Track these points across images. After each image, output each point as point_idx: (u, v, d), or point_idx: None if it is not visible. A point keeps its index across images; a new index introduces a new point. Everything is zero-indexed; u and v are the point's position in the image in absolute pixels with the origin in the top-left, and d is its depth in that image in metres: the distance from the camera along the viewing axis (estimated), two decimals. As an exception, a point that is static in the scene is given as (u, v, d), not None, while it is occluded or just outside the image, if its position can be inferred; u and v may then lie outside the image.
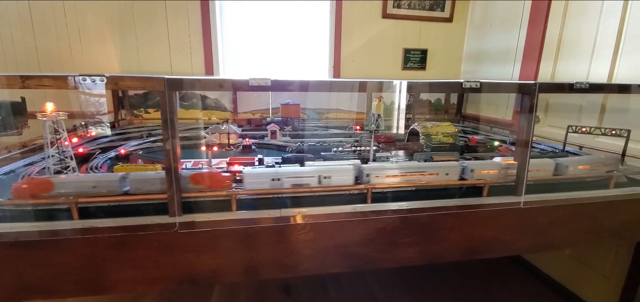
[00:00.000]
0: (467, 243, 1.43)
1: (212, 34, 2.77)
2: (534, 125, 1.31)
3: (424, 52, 3.18)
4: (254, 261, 1.23)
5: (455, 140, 2.13)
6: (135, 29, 2.70)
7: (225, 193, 1.17)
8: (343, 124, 3.03)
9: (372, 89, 2.85)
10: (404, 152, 1.88)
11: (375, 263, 1.37)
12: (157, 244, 1.14)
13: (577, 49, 2.19)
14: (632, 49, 1.89)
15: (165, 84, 0.99)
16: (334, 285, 2.49)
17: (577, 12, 2.20)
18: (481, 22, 3.05)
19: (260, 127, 2.62)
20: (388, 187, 1.37)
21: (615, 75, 1.98)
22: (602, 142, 1.98)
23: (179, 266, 1.18)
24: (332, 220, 1.26)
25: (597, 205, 1.49)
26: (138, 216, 1.12)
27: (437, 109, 3.37)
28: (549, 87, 1.71)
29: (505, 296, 2.41)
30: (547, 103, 2.45)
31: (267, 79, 1.05)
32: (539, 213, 1.44)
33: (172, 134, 1.02)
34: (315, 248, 1.28)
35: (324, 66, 3.14)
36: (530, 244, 1.53)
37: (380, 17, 3.03)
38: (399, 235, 1.35)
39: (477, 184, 1.43)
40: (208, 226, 1.14)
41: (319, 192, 1.32)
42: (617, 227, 1.58)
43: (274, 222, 1.19)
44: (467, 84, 1.21)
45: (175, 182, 1.06)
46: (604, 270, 2.10)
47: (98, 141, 1.97)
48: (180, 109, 2.83)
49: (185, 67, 2.79)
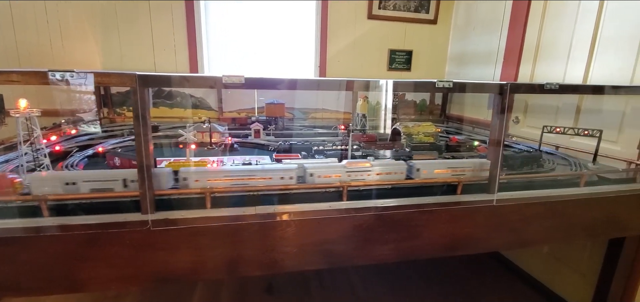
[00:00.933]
0: (442, 240, 1.45)
1: (197, 32, 2.76)
2: (505, 124, 1.34)
3: (409, 53, 3.22)
4: (228, 259, 1.23)
5: (436, 140, 2.16)
6: (118, 26, 2.67)
7: (199, 190, 1.17)
8: (329, 123, 3.04)
9: (358, 88, 2.89)
10: (383, 151, 1.90)
11: (352, 260, 1.39)
12: (129, 241, 1.13)
13: (554, 51, 2.24)
14: (606, 51, 1.94)
15: (137, 80, 0.99)
16: (316, 284, 2.50)
17: (554, 16, 2.25)
18: (464, 24, 3.10)
19: (246, 126, 2.61)
20: (364, 185, 1.38)
21: (590, 77, 2.03)
22: (576, 142, 2.04)
23: (153, 264, 1.18)
24: (308, 217, 1.27)
25: (568, 203, 1.53)
26: (110, 213, 1.11)
27: (422, 109, 3.41)
28: (520, 88, 1.75)
29: (484, 292, 2.46)
30: (526, 104, 2.50)
31: (241, 76, 1.05)
32: (512, 210, 1.48)
33: (144, 131, 1.02)
34: (290, 245, 1.29)
35: (310, 66, 3.15)
36: (504, 241, 1.57)
37: (365, 17, 3.05)
38: (374, 232, 1.36)
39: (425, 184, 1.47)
40: (182, 223, 1.14)
41: (293, 190, 1.33)
42: (587, 224, 1.62)
43: (249, 220, 1.20)
44: (440, 83, 1.24)
45: (147, 180, 1.05)
46: (579, 267, 2.16)
47: (76, 139, 1.94)
48: (164, 108, 2.81)
49: (170, 66, 2.77)
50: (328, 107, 3.21)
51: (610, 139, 1.91)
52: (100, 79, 1.07)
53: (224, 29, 2.97)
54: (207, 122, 1.92)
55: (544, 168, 1.75)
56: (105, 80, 1.03)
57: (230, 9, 2.92)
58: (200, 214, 1.16)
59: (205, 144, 2.01)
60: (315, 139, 2.38)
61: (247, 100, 3.02)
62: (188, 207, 1.21)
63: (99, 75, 1.04)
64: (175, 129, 2.24)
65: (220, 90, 2.87)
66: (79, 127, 2.20)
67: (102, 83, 1.05)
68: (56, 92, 2.47)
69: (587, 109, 2.08)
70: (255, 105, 2.98)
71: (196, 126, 2.03)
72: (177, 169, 1.25)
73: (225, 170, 1.28)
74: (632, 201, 1.66)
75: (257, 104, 2.97)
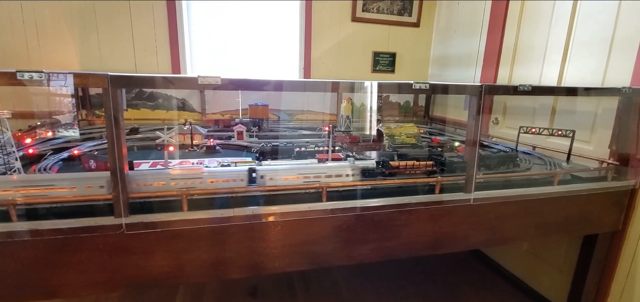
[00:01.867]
0: (422, 239, 1.47)
1: (179, 33, 2.72)
2: (481, 125, 1.37)
3: (392, 56, 3.26)
4: (207, 262, 1.22)
5: (418, 141, 2.19)
6: (97, 27, 2.62)
7: (175, 192, 1.16)
8: (314, 125, 3.05)
9: (343, 89, 2.90)
10: (363, 151, 1.92)
11: (332, 260, 1.40)
12: (102, 246, 1.11)
13: (531, 54, 2.31)
14: (579, 54, 2.01)
15: (109, 81, 0.97)
16: (301, 285, 2.50)
17: (530, 20, 2.32)
18: (446, 27, 3.15)
19: (229, 128, 2.59)
20: (343, 185, 1.39)
21: (565, 78, 2.10)
22: (552, 142, 2.10)
23: (127, 268, 1.16)
24: (288, 219, 1.27)
25: (543, 201, 1.58)
26: (82, 217, 1.09)
27: (406, 111, 3.45)
28: (494, 90, 1.79)
29: (466, 290, 2.50)
30: (505, 106, 2.56)
31: (217, 77, 1.05)
32: (489, 209, 1.51)
33: (116, 133, 1.00)
34: (270, 247, 1.28)
35: (295, 68, 3.15)
36: (482, 238, 1.60)
37: (349, 20, 3.07)
38: (355, 232, 1.37)
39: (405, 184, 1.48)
40: (158, 226, 1.12)
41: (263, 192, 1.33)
42: (561, 222, 1.68)
43: (227, 222, 1.19)
44: (416, 85, 1.26)
45: (120, 183, 1.03)
46: (557, 264, 2.21)
47: (52, 142, 1.89)
48: (145, 110, 2.76)
49: (151, 67, 2.72)
50: (313, 108, 3.22)
51: (583, 139, 1.97)
52: (72, 79, 1.05)
53: (208, 30, 2.94)
54: (188, 124, 1.90)
55: (520, 168, 1.79)
56: (76, 81, 1.01)
57: (213, 10, 2.90)
58: (177, 217, 1.14)
59: (186, 146, 1.99)
60: (299, 140, 2.38)
61: (231, 102, 3.00)
62: (167, 210, 1.19)
63: (70, 75, 1.02)
64: (156, 131, 2.20)
65: (204, 91, 2.84)
66: (56, 130, 2.14)
67: (74, 84, 1.02)
68: (34, 95, 2.41)
69: (561, 110, 2.14)
70: (240, 107, 2.96)
71: (178, 128, 2.01)
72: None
73: (167, 173, 1.24)
74: (604, 199, 1.72)
75: (242, 105, 2.95)
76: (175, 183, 1.19)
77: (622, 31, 1.78)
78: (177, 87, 1.16)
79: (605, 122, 1.86)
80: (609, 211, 1.77)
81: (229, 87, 1.14)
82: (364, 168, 1.49)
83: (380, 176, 1.51)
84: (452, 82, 1.83)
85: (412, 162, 1.52)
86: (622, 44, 1.78)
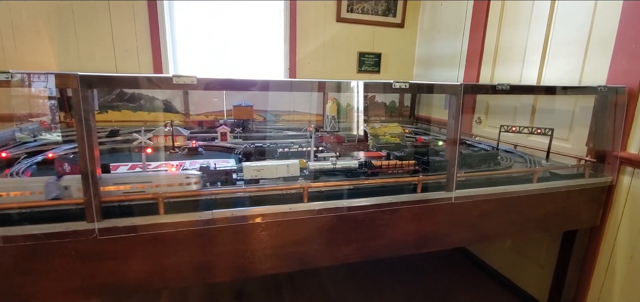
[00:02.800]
0: (405, 238, 1.48)
1: (161, 33, 2.67)
2: (461, 124, 1.39)
3: (378, 56, 3.27)
4: (184, 266, 1.19)
5: (402, 141, 2.20)
6: (75, 27, 2.55)
7: (150, 196, 1.13)
8: (301, 125, 3.03)
9: (329, 89, 2.90)
10: (348, 151, 1.92)
11: (315, 262, 1.39)
12: (74, 252, 1.07)
13: (511, 54, 2.35)
14: (557, 54, 2.05)
15: (79, 80, 0.94)
16: (288, 287, 2.48)
17: (510, 21, 2.36)
18: (430, 28, 3.19)
19: (214, 129, 2.56)
20: (325, 185, 1.38)
21: (543, 78, 2.14)
22: (533, 140, 2.14)
23: (101, 275, 1.12)
24: (268, 220, 1.26)
25: (522, 198, 1.60)
26: (53, 223, 1.05)
27: (392, 111, 3.47)
28: (472, 89, 1.81)
29: (451, 287, 2.52)
30: (487, 105, 2.60)
31: (192, 77, 1.02)
32: (470, 207, 1.52)
33: (87, 135, 0.97)
34: (250, 249, 1.26)
35: (280, 68, 3.14)
36: (465, 236, 1.61)
37: (334, 20, 3.07)
38: (337, 233, 1.37)
39: (386, 184, 1.48)
40: (132, 231, 1.09)
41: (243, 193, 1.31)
42: (541, 218, 1.70)
43: (204, 225, 1.17)
44: (396, 84, 1.26)
45: (92, 186, 1.00)
46: (538, 260, 2.25)
47: (26, 145, 1.82)
48: (127, 111, 2.70)
49: (132, 67, 2.67)
50: (299, 109, 3.21)
51: (562, 137, 2.02)
52: (41, 80, 1.01)
53: (192, 30, 2.90)
54: (169, 125, 1.86)
55: (501, 166, 1.82)
56: (44, 81, 0.97)
57: (197, 10, 2.86)
58: (152, 221, 1.11)
59: (167, 148, 1.95)
60: (284, 141, 2.37)
61: (216, 104, 2.96)
62: (147, 213, 1.15)
63: (37, 75, 0.98)
64: (133, 133, 2.15)
65: (187, 92, 2.79)
66: (36, 134, 2.07)
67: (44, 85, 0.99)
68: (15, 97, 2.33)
69: (541, 109, 2.18)
70: (224, 108, 2.92)
71: (159, 130, 1.97)
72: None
73: (118, 175, 1.17)
74: (582, 195, 1.76)
75: (226, 106, 2.92)
76: (125, 188, 1.13)
77: (597, 32, 1.83)
78: (151, 88, 1.13)
79: (583, 120, 1.91)
80: (587, 207, 1.81)
81: (206, 87, 1.12)
82: (347, 168, 1.49)
83: (363, 176, 1.51)
84: (431, 82, 1.84)
85: (395, 161, 1.52)
86: (598, 44, 1.83)
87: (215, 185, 1.31)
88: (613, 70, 1.74)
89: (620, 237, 1.78)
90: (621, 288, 1.78)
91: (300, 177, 1.43)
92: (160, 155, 1.86)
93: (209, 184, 1.29)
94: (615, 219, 1.79)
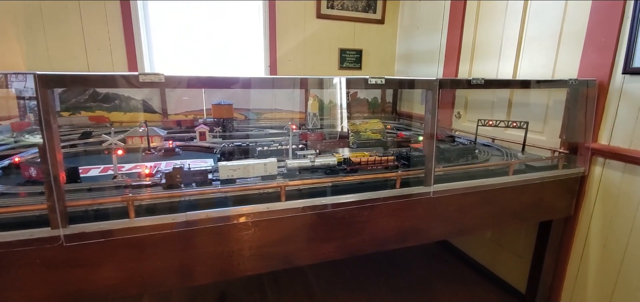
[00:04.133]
0: (385, 234, 1.48)
1: (135, 31, 2.59)
2: (437, 119, 1.39)
3: (359, 52, 3.27)
4: (158, 272, 1.16)
5: (383, 136, 2.21)
6: (44, 26, 2.44)
7: (120, 199, 1.09)
8: (283, 123, 3.00)
9: (311, 85, 2.88)
10: (329, 149, 1.90)
11: (294, 261, 1.37)
12: (40, 260, 1.02)
13: (488, 50, 2.39)
14: (531, 49, 2.10)
15: (37, 80, 0.89)
16: (272, 286, 2.46)
17: (486, 17, 2.40)
18: (409, 24, 3.21)
19: (193, 129, 2.50)
20: (303, 183, 1.37)
21: (519, 72, 2.18)
22: (510, 134, 2.18)
23: (69, 283, 1.07)
24: (244, 221, 1.23)
25: (499, 191, 1.63)
26: (15, 230, 0.99)
27: (375, 107, 3.48)
28: (449, 83, 1.83)
29: (434, 280, 2.56)
30: (466, 100, 2.64)
31: (160, 74, 0.99)
32: (448, 201, 1.54)
33: (48, 136, 0.92)
34: (227, 251, 1.24)
35: (260, 66, 3.09)
36: (444, 230, 1.63)
37: (314, 17, 3.05)
38: (316, 231, 1.36)
39: (365, 180, 1.48)
40: (101, 236, 1.05)
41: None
42: (517, 210, 1.74)
43: (178, 228, 1.13)
44: (372, 80, 1.25)
45: (56, 191, 0.95)
46: (516, 250, 2.31)
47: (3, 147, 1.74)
48: (100, 111, 2.60)
49: (105, 66, 2.58)
50: (281, 107, 3.17)
51: (537, 130, 2.07)
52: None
53: (169, 28, 2.83)
54: (144, 125, 1.80)
55: (478, 160, 1.84)
56: (2, 81, 0.92)
57: (172, 7, 2.78)
58: (123, 225, 1.07)
59: (143, 149, 1.89)
60: (265, 139, 2.33)
61: (196, 103, 2.90)
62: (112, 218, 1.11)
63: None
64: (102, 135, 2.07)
65: (164, 92, 2.72)
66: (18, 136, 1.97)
67: (0, 85, 0.94)
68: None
69: (517, 103, 2.23)
70: (204, 106, 2.86)
71: (133, 130, 1.91)
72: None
73: None
74: (556, 186, 1.80)
75: (206, 105, 2.86)
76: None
77: (569, 26, 1.88)
78: (116, 87, 1.09)
79: (556, 113, 1.96)
80: (562, 198, 1.86)
81: (177, 85, 1.08)
82: (326, 165, 1.48)
83: (342, 173, 1.50)
84: (410, 77, 1.85)
85: (374, 157, 1.52)
86: (569, 38, 1.87)
87: (190, 186, 1.28)
88: (584, 64, 1.79)
89: (593, 226, 1.83)
90: (595, 275, 1.84)
91: (278, 176, 1.41)
92: (135, 156, 1.81)
93: (183, 186, 1.26)
94: (588, 208, 1.85)
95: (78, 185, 1.25)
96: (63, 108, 2.56)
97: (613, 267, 1.75)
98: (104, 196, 1.20)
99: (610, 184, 1.73)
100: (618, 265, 1.73)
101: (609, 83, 1.69)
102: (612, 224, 1.74)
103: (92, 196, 1.20)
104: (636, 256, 1.65)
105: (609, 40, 1.66)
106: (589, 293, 1.88)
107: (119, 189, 1.25)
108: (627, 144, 1.63)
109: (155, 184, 1.27)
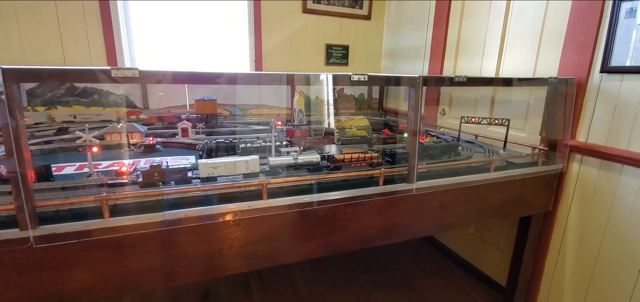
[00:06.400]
0: (369, 231, 1.48)
1: (114, 23, 2.50)
2: (420, 116, 1.40)
3: (345, 48, 3.26)
4: (134, 273, 1.13)
5: (368, 133, 2.21)
6: (17, 16, 2.33)
7: (93, 198, 1.05)
8: (268, 119, 2.97)
9: (297, 81, 2.85)
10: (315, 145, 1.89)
11: (276, 260, 1.36)
12: (9, 263, 0.98)
13: (472, 47, 2.41)
14: (513, 47, 2.13)
15: (2, 74, 0.84)
16: (257, 284, 2.44)
17: (470, 15, 2.42)
18: (395, 20, 3.21)
19: (175, 125, 2.44)
20: (285, 181, 1.35)
21: (501, 70, 2.21)
22: (493, 130, 2.21)
23: (41, 286, 1.03)
24: (224, 220, 1.21)
25: (481, 187, 1.65)
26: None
27: (361, 103, 3.48)
28: (431, 81, 1.84)
29: (419, 275, 2.59)
30: (451, 97, 2.66)
31: (134, 69, 0.95)
32: (431, 198, 1.55)
33: (15, 134, 0.88)
34: (208, 251, 1.21)
35: (246, 61, 3.05)
36: (427, 226, 1.65)
37: (301, 12, 3.02)
38: (298, 229, 1.34)
39: (348, 177, 1.48)
40: (73, 237, 1.01)
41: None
42: (498, 206, 1.77)
43: (156, 228, 1.10)
44: (355, 76, 1.24)
45: (23, 190, 0.91)
46: (498, 244, 2.36)
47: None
48: (78, 107, 2.51)
49: (83, 59, 2.48)
50: (268, 102, 3.13)
51: (518, 127, 2.10)
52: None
53: (151, 22, 2.74)
54: (122, 121, 1.75)
55: (461, 156, 1.86)
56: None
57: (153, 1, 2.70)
58: (96, 226, 1.03)
59: (121, 146, 1.84)
60: (249, 136, 2.30)
61: (179, 98, 2.83)
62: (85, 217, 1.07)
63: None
64: (76, 131, 2.00)
65: (145, 86, 2.65)
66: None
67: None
68: None
69: (500, 101, 2.26)
70: (187, 102, 2.80)
71: (111, 127, 1.85)
72: None
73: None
74: (536, 182, 1.84)
75: (189, 101, 2.80)
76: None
77: (549, 25, 1.91)
78: (87, 81, 1.05)
79: (537, 110, 1.99)
80: (541, 193, 1.90)
81: (152, 80, 1.05)
82: (309, 162, 1.46)
83: (326, 170, 1.49)
84: (394, 74, 1.85)
85: (358, 154, 1.52)
86: (550, 37, 1.91)
87: (169, 184, 1.24)
88: (563, 62, 1.83)
89: (571, 221, 1.88)
90: (572, 268, 1.90)
91: (261, 174, 1.39)
92: (114, 153, 1.75)
93: (161, 184, 1.22)
94: (566, 203, 1.90)
95: (50, 184, 1.20)
96: (39, 103, 2.46)
97: (589, 260, 1.80)
98: (78, 194, 1.15)
99: (587, 180, 1.78)
100: (594, 258, 1.78)
101: (587, 81, 1.72)
102: (589, 218, 1.79)
103: (65, 195, 1.16)
104: (611, 249, 1.70)
105: (587, 40, 1.70)
106: (566, 285, 1.94)
107: (93, 187, 1.21)
108: (604, 141, 1.68)
109: (132, 182, 1.23)
